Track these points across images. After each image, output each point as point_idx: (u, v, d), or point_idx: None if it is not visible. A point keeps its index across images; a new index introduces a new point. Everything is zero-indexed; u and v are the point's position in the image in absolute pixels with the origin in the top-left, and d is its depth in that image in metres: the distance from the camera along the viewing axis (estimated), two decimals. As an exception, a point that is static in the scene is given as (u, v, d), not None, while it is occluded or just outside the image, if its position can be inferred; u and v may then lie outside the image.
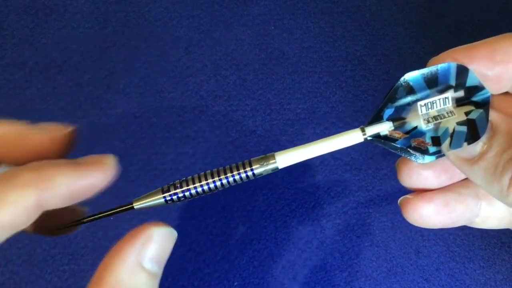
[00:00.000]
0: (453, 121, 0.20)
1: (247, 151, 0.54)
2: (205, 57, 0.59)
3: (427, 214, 0.22)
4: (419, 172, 0.22)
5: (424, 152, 0.21)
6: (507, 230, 0.51)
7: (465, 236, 0.51)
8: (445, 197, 0.22)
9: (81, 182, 0.18)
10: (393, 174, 0.53)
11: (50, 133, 0.20)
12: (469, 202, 0.22)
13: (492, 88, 0.21)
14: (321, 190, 0.52)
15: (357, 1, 0.62)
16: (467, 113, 0.20)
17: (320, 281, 0.49)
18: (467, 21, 0.60)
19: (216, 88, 0.57)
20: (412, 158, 0.21)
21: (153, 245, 0.19)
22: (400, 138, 0.21)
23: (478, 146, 0.20)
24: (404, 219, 0.53)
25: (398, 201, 0.23)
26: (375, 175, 0.53)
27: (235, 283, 0.49)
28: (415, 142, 0.21)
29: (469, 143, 0.20)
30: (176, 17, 0.62)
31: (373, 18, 0.61)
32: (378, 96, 0.57)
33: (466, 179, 0.23)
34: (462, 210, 0.22)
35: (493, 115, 0.20)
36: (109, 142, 0.55)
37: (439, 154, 0.21)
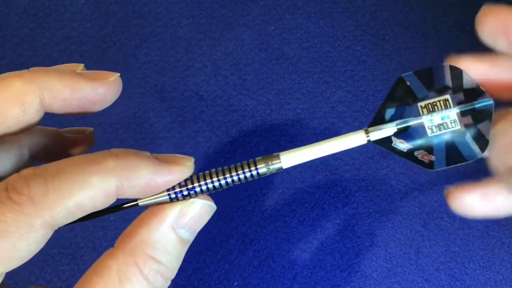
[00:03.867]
0: (454, 133, 0.21)
1: (247, 151, 0.54)
2: (205, 57, 0.59)
3: (470, 203, 0.23)
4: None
5: (428, 165, 0.21)
6: (507, 230, 0.51)
7: (465, 236, 0.51)
8: (485, 189, 0.23)
9: (160, 178, 0.19)
10: (393, 174, 0.53)
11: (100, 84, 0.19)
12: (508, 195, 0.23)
13: None
14: (321, 190, 0.52)
15: (357, 1, 0.62)
16: (467, 126, 0.21)
17: (320, 281, 0.49)
18: (467, 21, 0.60)
19: (216, 88, 0.57)
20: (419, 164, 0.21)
21: (191, 213, 0.19)
22: (404, 145, 0.21)
23: None
24: (404, 219, 0.53)
25: (444, 192, 0.24)
26: (375, 175, 0.53)
27: (235, 283, 0.49)
28: (419, 155, 0.21)
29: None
30: (176, 17, 0.62)
31: (373, 18, 0.61)
32: (378, 96, 0.57)
33: None
34: (503, 201, 0.23)
35: None
36: (109, 142, 0.55)
37: (444, 166, 0.21)
